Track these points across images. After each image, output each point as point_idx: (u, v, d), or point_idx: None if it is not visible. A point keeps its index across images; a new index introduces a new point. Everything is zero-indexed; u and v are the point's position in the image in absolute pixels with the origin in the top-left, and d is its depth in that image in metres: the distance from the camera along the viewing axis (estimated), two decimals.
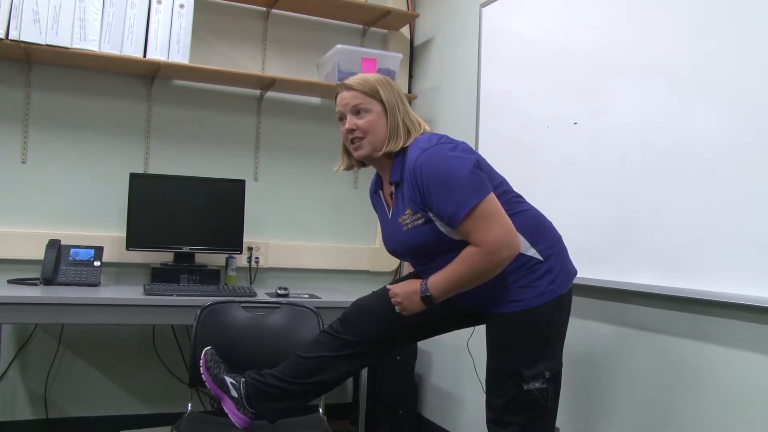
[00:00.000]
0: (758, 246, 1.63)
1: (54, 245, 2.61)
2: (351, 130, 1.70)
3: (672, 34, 1.90)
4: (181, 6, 2.83)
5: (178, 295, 2.47)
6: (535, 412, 1.64)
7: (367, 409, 2.94)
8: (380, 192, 1.82)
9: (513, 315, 1.66)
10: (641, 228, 1.97)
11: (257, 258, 3.16)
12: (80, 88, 2.94)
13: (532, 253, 1.67)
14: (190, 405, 2.15)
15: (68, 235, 2.79)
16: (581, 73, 2.22)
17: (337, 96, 1.75)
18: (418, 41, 3.53)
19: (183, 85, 3.11)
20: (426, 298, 1.64)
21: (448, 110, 3.19)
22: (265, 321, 2.23)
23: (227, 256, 3.02)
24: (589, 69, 2.19)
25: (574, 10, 2.28)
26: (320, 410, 2.16)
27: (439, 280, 1.62)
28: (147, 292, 2.49)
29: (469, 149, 1.64)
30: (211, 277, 2.86)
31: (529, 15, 2.52)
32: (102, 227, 2.94)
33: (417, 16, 3.45)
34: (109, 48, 2.72)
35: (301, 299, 2.55)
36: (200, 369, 1.89)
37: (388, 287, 1.76)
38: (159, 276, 2.79)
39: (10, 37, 2.55)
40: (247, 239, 3.06)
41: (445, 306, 1.71)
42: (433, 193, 1.58)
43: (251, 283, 3.13)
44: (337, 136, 1.81)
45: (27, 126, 2.86)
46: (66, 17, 2.63)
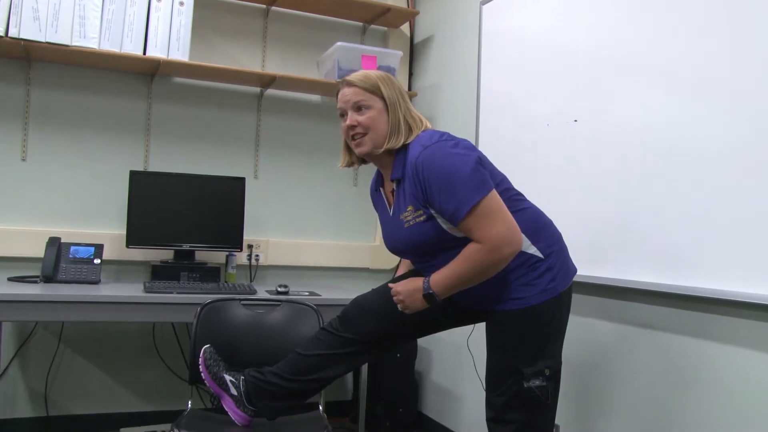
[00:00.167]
0: (758, 246, 1.63)
1: (54, 243, 2.62)
2: (352, 127, 1.70)
3: (672, 34, 1.91)
4: (181, 3, 2.82)
5: (178, 293, 2.48)
6: (535, 409, 1.65)
7: (367, 406, 2.94)
8: (381, 189, 1.82)
9: (514, 313, 1.66)
10: (641, 228, 1.97)
11: (257, 255, 3.16)
12: (80, 85, 2.94)
13: (533, 251, 1.67)
14: (190, 402, 2.15)
15: (68, 232, 2.79)
16: (581, 73, 2.22)
17: (338, 92, 1.75)
18: (418, 39, 3.53)
19: (183, 82, 3.11)
20: (428, 296, 1.64)
21: (448, 108, 3.19)
22: (265, 318, 2.24)
23: (227, 253, 3.02)
24: (589, 68, 2.20)
25: (574, 10, 2.28)
26: (320, 407, 2.17)
27: (441, 278, 1.62)
28: (147, 290, 2.49)
29: (471, 146, 1.64)
30: (211, 274, 2.86)
31: (529, 13, 2.52)
32: (102, 225, 2.94)
33: (417, 13, 3.45)
34: (109, 45, 2.72)
35: (301, 297, 2.55)
36: (199, 368, 1.90)
37: (390, 285, 1.76)
38: (159, 273, 2.79)
39: (9, 35, 2.55)
40: (247, 237, 3.06)
41: (446, 303, 1.71)
42: (435, 190, 1.58)
43: (251, 281, 3.13)
44: (337, 133, 1.81)
45: (27, 124, 2.86)
46: (66, 15, 2.63)
